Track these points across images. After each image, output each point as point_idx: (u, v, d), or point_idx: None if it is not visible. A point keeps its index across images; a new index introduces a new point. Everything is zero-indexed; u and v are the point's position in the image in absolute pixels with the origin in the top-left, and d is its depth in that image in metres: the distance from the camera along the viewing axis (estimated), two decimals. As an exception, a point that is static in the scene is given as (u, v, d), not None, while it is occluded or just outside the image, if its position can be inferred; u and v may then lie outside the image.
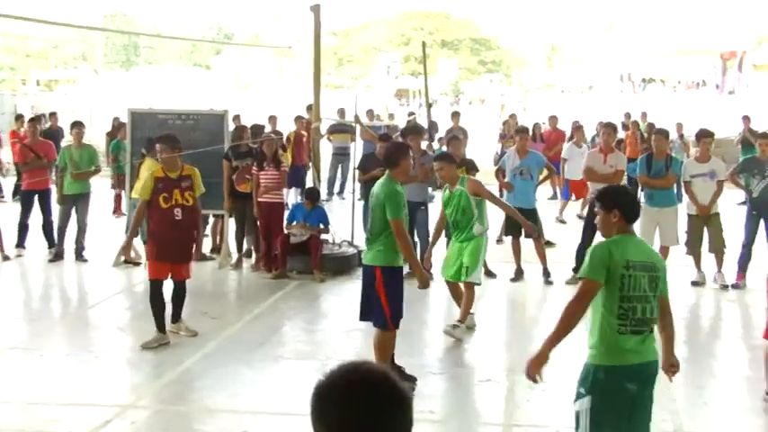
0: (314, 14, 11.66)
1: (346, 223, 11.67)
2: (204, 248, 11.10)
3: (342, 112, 18.70)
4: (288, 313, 9.07)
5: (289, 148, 15.09)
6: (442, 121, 19.31)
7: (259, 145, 10.98)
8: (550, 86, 68.72)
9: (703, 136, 10.30)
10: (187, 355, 7.43)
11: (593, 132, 17.57)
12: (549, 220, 13.44)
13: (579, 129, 15.48)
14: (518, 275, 10.33)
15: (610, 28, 71.41)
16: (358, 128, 13.61)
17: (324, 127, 15.11)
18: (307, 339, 8.16)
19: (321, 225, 10.71)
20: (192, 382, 6.97)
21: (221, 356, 7.40)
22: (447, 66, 72.48)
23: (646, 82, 60.52)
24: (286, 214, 11.00)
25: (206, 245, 11.43)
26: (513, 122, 18.02)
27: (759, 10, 58.06)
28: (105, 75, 69.38)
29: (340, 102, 22.25)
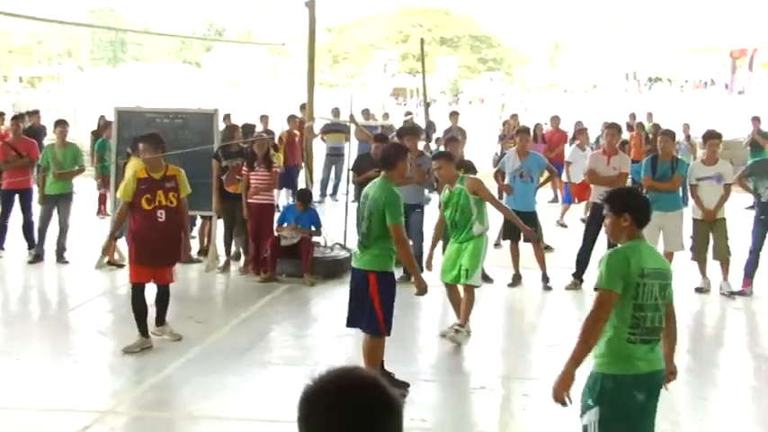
0: (308, 10, 11.68)
1: (339, 226, 11.68)
2: (191, 250, 11.09)
3: (336, 112, 18.72)
4: (276, 318, 9.08)
5: (281, 149, 15.11)
6: (441, 121, 19.30)
7: (250, 145, 10.99)
8: (553, 85, 68.74)
9: (711, 137, 10.31)
10: (170, 360, 7.43)
11: (597, 133, 17.59)
12: (550, 224, 13.48)
13: (583, 131, 15.47)
14: (516, 281, 10.35)
15: (615, 25, 71.52)
16: (353, 128, 13.64)
17: (317, 126, 15.13)
18: (295, 345, 8.16)
19: (313, 227, 10.73)
20: (176, 388, 6.97)
21: (206, 362, 7.40)
22: (446, 64, 72.43)
23: (652, 81, 60.61)
24: (277, 216, 11.03)
25: (193, 247, 11.42)
26: (514, 123, 18.05)
27: (770, 7, 58.12)
28: (91, 72, 69.31)
29: (334, 101, 22.32)
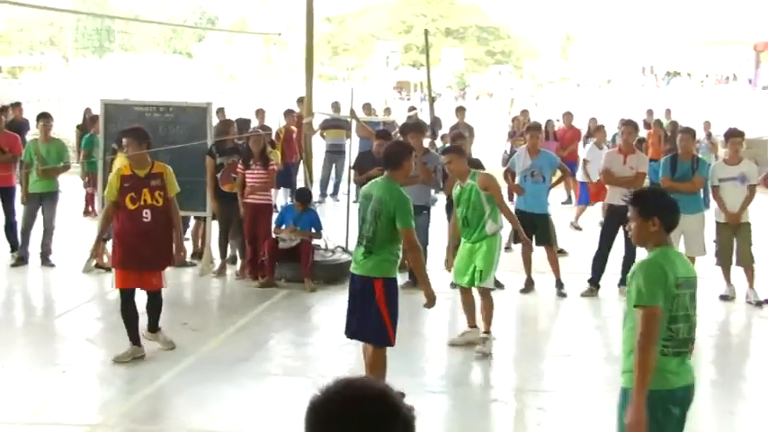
0: (306, -2, 11.70)
1: (340, 227, 11.69)
2: (185, 253, 11.09)
3: (336, 107, 18.72)
4: (275, 325, 9.09)
5: (278, 145, 15.12)
6: (446, 117, 19.35)
7: (245, 141, 11.00)
8: (565, 80, 68.86)
9: (733, 135, 10.33)
10: (163, 370, 7.43)
11: (613, 131, 17.58)
12: (564, 227, 13.47)
13: (600, 128, 15.48)
14: (528, 286, 10.36)
15: (631, 16, 71.53)
16: (354, 123, 13.64)
17: (316, 122, 15.15)
18: (295, 354, 8.17)
19: (313, 229, 10.74)
20: (169, 400, 6.98)
21: (201, 372, 7.41)
22: (451, 56, 72.56)
23: (670, 75, 60.63)
24: (274, 217, 11.03)
25: (187, 249, 11.41)
26: (524, 119, 18.08)
27: (797, -4, 58.12)
28: (75, 62, 69.31)
29: (334, 95, 22.29)
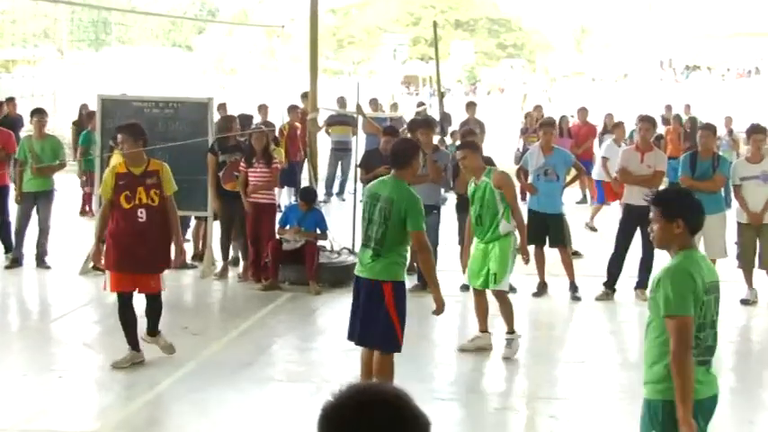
0: (311, -11, 11.72)
1: (346, 228, 11.69)
2: (185, 255, 11.11)
3: (342, 102, 18.74)
4: (278, 329, 9.11)
5: (282, 142, 15.13)
6: (456, 113, 19.34)
7: (247, 138, 11.01)
8: (580, 74, 68.78)
9: (755, 132, 10.30)
10: (163, 376, 7.45)
11: (631, 127, 17.54)
12: (578, 227, 13.46)
13: (620, 125, 15.46)
14: (541, 290, 10.35)
15: (649, 7, 71.43)
16: (360, 119, 13.66)
17: (321, 118, 15.16)
18: (299, 359, 8.19)
19: (318, 230, 10.74)
20: (169, 406, 7.01)
21: (202, 377, 7.43)
22: (461, 49, 72.42)
23: (689, 69, 60.56)
24: (278, 217, 11.04)
25: (187, 251, 11.43)
26: (537, 115, 18.07)
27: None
28: (71, 55, 69.44)
29: (340, 89, 22.31)
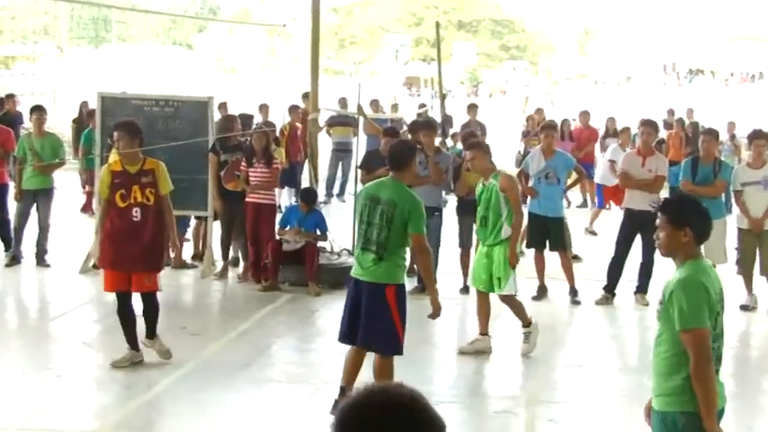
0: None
1: (346, 229, 11.71)
2: (185, 255, 11.16)
3: (343, 102, 18.78)
4: (278, 330, 9.14)
5: (282, 143, 15.15)
6: (458, 115, 19.36)
7: (248, 138, 11.03)
8: (582, 77, 68.76)
9: (757, 137, 10.31)
10: (162, 376, 7.49)
11: (633, 131, 17.57)
12: (579, 231, 13.49)
13: (625, 130, 15.49)
14: (541, 293, 10.38)
15: (652, 10, 71.40)
16: (361, 120, 13.68)
17: (322, 119, 15.19)
18: (299, 360, 8.22)
19: (318, 231, 10.77)
20: (167, 406, 7.04)
21: (201, 378, 7.46)
22: (464, 50, 72.39)
23: (692, 73, 60.61)
24: (278, 218, 11.06)
25: (187, 251, 11.48)
26: (539, 118, 18.08)
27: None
28: (71, 52, 69.31)
29: (341, 90, 22.35)
